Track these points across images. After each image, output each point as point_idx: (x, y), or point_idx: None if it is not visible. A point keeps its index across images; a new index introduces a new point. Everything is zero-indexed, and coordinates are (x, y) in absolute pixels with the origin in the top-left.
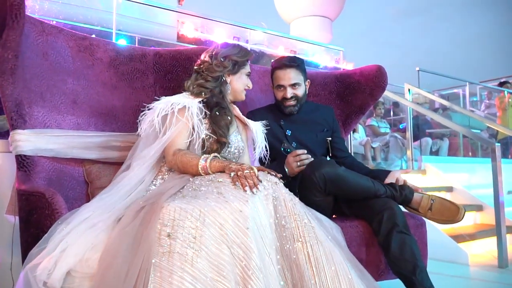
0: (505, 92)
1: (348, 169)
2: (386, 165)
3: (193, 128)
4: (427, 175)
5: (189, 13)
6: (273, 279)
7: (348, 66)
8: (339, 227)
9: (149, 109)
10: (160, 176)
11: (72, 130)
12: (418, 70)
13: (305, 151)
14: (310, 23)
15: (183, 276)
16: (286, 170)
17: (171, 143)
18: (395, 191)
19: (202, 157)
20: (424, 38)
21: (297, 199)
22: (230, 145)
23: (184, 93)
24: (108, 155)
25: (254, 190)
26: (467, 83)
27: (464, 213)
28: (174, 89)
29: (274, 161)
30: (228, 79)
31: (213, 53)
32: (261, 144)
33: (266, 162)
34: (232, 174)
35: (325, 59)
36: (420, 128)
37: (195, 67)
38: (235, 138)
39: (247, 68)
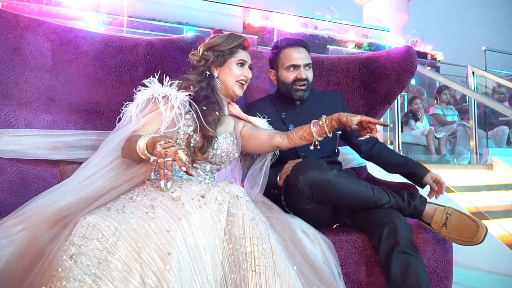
0: None
1: (379, 157)
2: (452, 158)
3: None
4: (493, 170)
5: (253, 7)
6: None
7: (426, 48)
8: (330, 242)
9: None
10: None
11: (44, 129)
12: (485, 50)
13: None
14: (384, 4)
15: None
16: (278, 178)
17: (136, 131)
18: (402, 201)
19: (141, 136)
20: None
21: (263, 218)
22: (216, 147)
23: (172, 86)
24: (82, 155)
25: (199, 203)
26: None
27: (486, 233)
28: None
29: (278, 163)
30: (216, 73)
31: (198, 48)
32: None
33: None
34: (152, 159)
35: (400, 42)
36: (496, 115)
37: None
38: (224, 140)
39: (238, 56)
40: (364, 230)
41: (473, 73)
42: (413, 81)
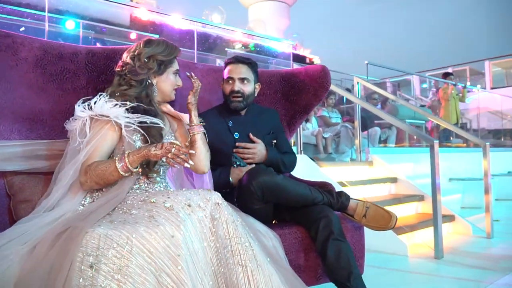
0: (449, 84)
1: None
2: (337, 156)
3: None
4: (374, 166)
5: (139, 6)
6: None
7: (305, 52)
8: (278, 236)
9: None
10: (89, 195)
11: None
12: (367, 64)
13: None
14: (267, 8)
15: None
16: (231, 179)
17: (87, 160)
18: (332, 198)
19: (117, 158)
20: (384, 24)
21: (240, 220)
22: None
23: (107, 99)
24: (34, 165)
25: (188, 211)
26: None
27: (396, 220)
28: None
29: (219, 166)
30: (154, 81)
31: (136, 54)
32: None
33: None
34: (165, 159)
35: (282, 45)
36: (370, 118)
37: (117, 70)
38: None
39: (174, 66)
40: (302, 224)
41: (358, 83)
42: None
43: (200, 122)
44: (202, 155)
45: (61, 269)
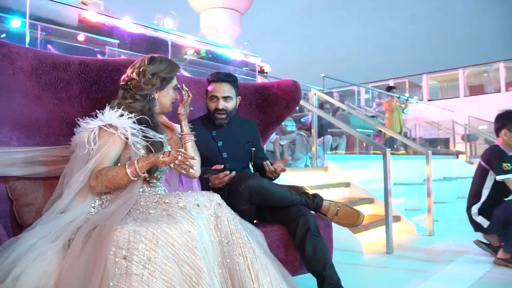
0: (393, 96)
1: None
2: (293, 162)
3: (129, 143)
4: (329, 172)
5: (88, 9)
6: None
7: (256, 60)
8: (262, 233)
9: (80, 125)
10: (98, 198)
11: None
12: (323, 76)
13: (228, 172)
14: (219, 15)
15: None
16: (210, 185)
17: (97, 166)
18: (308, 199)
19: (127, 164)
20: (333, 34)
21: (238, 217)
22: None
23: (113, 111)
24: (35, 170)
25: (197, 210)
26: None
27: (363, 218)
28: (101, 101)
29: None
30: (156, 95)
31: (141, 70)
32: None
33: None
34: (172, 166)
35: (235, 53)
36: (324, 127)
37: (121, 83)
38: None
39: (174, 82)
40: (282, 222)
41: (315, 94)
42: None
43: (191, 131)
44: (194, 161)
45: (97, 262)
